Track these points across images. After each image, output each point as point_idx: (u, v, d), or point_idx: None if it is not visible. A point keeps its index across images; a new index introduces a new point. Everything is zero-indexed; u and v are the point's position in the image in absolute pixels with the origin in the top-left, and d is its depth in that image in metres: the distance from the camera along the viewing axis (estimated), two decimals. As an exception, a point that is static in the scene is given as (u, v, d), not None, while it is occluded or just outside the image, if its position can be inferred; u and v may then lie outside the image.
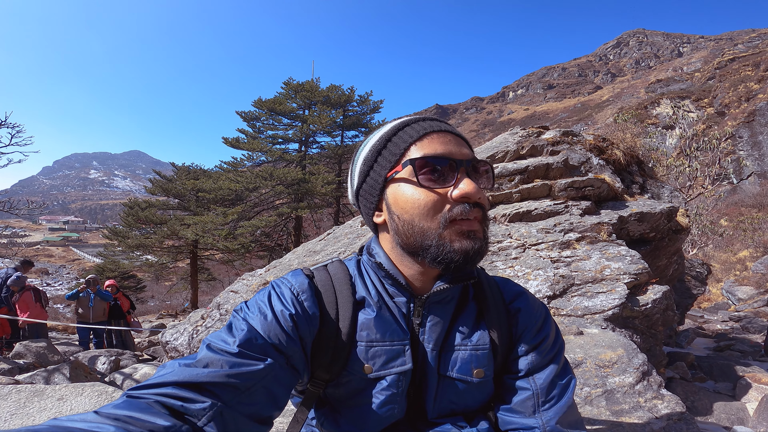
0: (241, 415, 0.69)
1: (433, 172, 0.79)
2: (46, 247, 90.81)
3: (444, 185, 0.79)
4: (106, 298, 7.59)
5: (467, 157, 0.82)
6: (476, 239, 0.79)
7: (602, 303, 2.70)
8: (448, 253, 0.78)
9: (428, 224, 0.80)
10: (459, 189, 0.78)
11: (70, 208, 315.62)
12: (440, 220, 0.79)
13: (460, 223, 0.78)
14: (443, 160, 0.80)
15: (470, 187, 0.78)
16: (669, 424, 1.65)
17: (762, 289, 12.41)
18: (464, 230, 0.78)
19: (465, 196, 0.78)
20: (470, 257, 0.78)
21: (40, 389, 2.18)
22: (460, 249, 0.78)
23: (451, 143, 0.82)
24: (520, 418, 0.86)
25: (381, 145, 0.86)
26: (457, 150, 0.81)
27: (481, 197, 0.79)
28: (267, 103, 18.21)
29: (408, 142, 0.83)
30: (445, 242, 0.78)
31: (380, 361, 0.84)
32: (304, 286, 0.87)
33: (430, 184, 0.79)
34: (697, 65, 79.85)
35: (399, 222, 0.83)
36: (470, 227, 0.79)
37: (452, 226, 0.79)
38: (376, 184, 0.87)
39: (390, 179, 0.84)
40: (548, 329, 0.93)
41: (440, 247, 0.79)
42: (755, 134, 30.88)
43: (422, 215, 0.80)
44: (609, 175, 4.21)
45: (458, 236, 0.78)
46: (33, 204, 13.38)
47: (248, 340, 0.74)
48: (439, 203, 0.79)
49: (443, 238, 0.79)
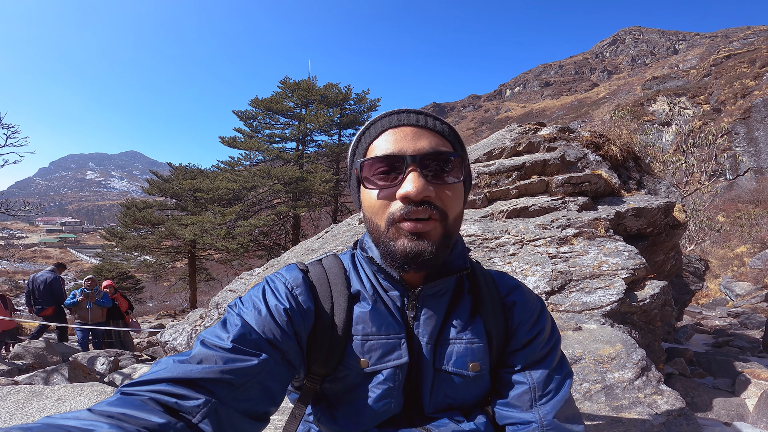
0: (236, 411, 0.68)
1: (382, 170, 0.79)
2: (44, 249, 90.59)
3: (392, 184, 0.78)
4: (106, 305, 7.54)
5: (419, 152, 0.78)
6: (423, 241, 0.77)
7: (600, 298, 2.70)
8: (391, 252, 0.78)
9: (379, 222, 0.80)
10: (402, 188, 0.76)
11: (66, 209, 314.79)
12: (386, 219, 0.79)
13: (403, 222, 0.77)
14: (388, 159, 0.78)
15: (411, 185, 0.75)
16: (669, 420, 1.64)
17: (760, 284, 12.44)
18: (409, 230, 0.76)
19: (404, 196, 0.76)
20: (411, 258, 0.77)
21: (39, 390, 2.18)
22: (401, 249, 0.77)
23: (405, 139, 0.79)
24: (517, 413, 0.86)
25: (354, 145, 0.88)
26: (409, 145, 0.78)
27: (428, 195, 0.76)
28: (264, 102, 18.17)
29: (367, 142, 0.83)
30: (388, 241, 0.79)
31: (376, 355, 0.84)
32: (298, 281, 0.86)
33: (378, 183, 0.79)
34: (693, 62, 79.96)
35: (366, 219, 0.85)
36: (413, 228, 0.76)
37: (395, 225, 0.78)
38: (354, 182, 0.88)
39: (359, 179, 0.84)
40: (544, 323, 0.93)
41: (385, 245, 0.79)
42: (751, 131, 30.97)
43: (374, 213, 0.81)
44: (606, 171, 4.21)
45: (400, 236, 0.77)
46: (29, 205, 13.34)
47: (242, 335, 0.74)
48: (387, 203, 0.79)
49: (388, 237, 0.79)
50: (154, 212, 17.82)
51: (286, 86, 18.50)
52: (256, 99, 18.35)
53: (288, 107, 18.46)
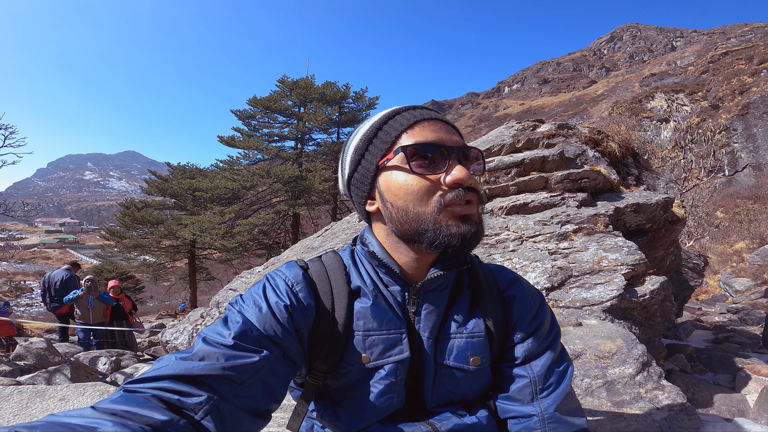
0: (238, 408, 0.68)
1: (424, 158, 0.80)
2: (43, 250, 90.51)
3: (436, 171, 0.79)
4: (108, 302, 7.56)
5: (458, 143, 0.82)
6: (472, 223, 0.80)
7: (600, 294, 2.70)
8: (446, 237, 0.78)
9: (423, 209, 0.80)
10: (451, 175, 0.78)
11: (65, 209, 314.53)
12: (435, 205, 0.79)
13: (455, 207, 0.79)
14: (434, 147, 0.80)
15: (462, 172, 0.78)
16: (670, 415, 1.65)
17: (759, 280, 12.47)
18: (460, 213, 0.79)
19: (457, 182, 0.78)
20: (467, 241, 0.79)
21: (42, 390, 2.18)
22: (458, 233, 0.78)
23: (441, 131, 0.82)
24: (518, 406, 0.86)
25: (372, 134, 0.86)
26: (447, 137, 0.82)
27: (472, 182, 0.80)
28: (262, 101, 18.12)
29: (399, 130, 0.83)
30: (441, 226, 0.78)
31: (378, 350, 0.84)
32: (298, 277, 0.86)
33: (422, 170, 0.79)
34: (691, 59, 79.96)
35: (393, 209, 0.83)
36: (465, 211, 0.79)
37: (447, 211, 0.79)
38: (367, 173, 0.86)
39: (382, 167, 0.84)
40: (543, 316, 0.93)
41: (437, 231, 0.79)
42: (749, 127, 31.03)
43: (416, 201, 0.80)
44: (605, 167, 4.21)
45: (455, 220, 0.79)
46: (28, 206, 13.32)
47: (243, 332, 0.74)
48: (432, 189, 0.79)
49: (439, 223, 0.79)
50: (153, 212, 17.78)
51: (284, 85, 18.45)
52: (255, 98, 18.30)
53: (286, 106, 18.42)
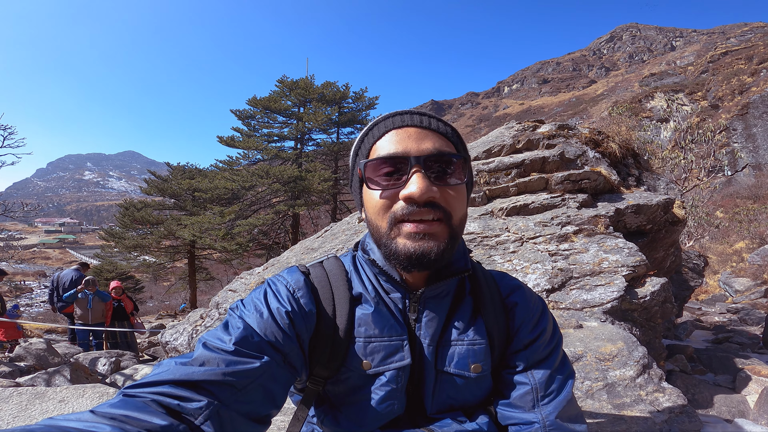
0: (238, 413, 0.68)
1: (386, 171, 0.78)
2: (43, 250, 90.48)
3: (396, 184, 0.78)
4: (105, 299, 7.57)
5: (424, 152, 0.78)
6: (429, 241, 0.76)
7: (601, 296, 2.70)
8: (394, 253, 0.78)
9: (380, 222, 0.80)
10: (406, 188, 0.76)
11: (65, 209, 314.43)
12: (388, 220, 0.78)
13: (407, 223, 0.76)
14: (392, 160, 0.78)
15: (416, 186, 0.74)
16: (671, 417, 1.65)
17: (759, 280, 12.47)
18: (408, 231, 0.76)
19: (408, 197, 0.75)
20: (415, 259, 0.76)
21: (42, 391, 2.17)
22: (403, 250, 0.77)
23: (409, 139, 0.79)
24: (519, 413, 0.86)
25: (357, 146, 0.88)
26: (414, 146, 0.78)
27: (432, 197, 0.76)
28: (262, 101, 18.10)
29: (371, 142, 0.83)
30: (391, 242, 0.78)
31: (379, 357, 0.84)
32: (300, 283, 0.86)
33: (381, 183, 0.79)
34: (690, 59, 79.93)
35: (367, 219, 0.84)
36: (416, 229, 0.76)
37: (399, 226, 0.77)
38: (356, 183, 0.88)
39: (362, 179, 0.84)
40: (545, 323, 0.93)
41: (388, 246, 0.79)
42: (749, 127, 31.04)
43: (376, 214, 0.80)
44: (605, 168, 4.21)
45: (404, 237, 0.77)
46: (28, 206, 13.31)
47: (244, 338, 0.73)
48: (389, 203, 0.78)
49: (391, 238, 0.78)
50: (153, 212, 17.78)
51: (284, 85, 18.43)
52: (254, 98, 18.27)
53: (286, 106, 18.40)
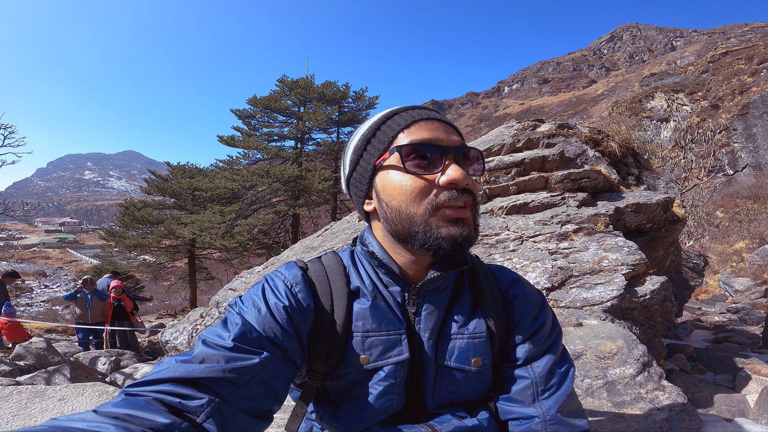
0: (240, 410, 0.68)
1: (420, 158, 0.79)
2: (43, 249, 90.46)
3: (431, 171, 0.79)
4: (104, 298, 7.59)
5: (456, 143, 0.81)
6: (465, 226, 0.79)
7: (601, 294, 2.70)
8: (436, 240, 0.77)
9: (415, 210, 0.79)
10: (446, 175, 0.77)
11: (65, 209, 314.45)
12: (427, 206, 0.78)
13: (448, 209, 0.78)
14: (430, 147, 0.79)
15: (458, 173, 0.77)
16: (671, 416, 1.65)
17: (759, 280, 12.47)
18: (452, 216, 0.78)
19: (452, 182, 0.77)
20: (458, 244, 0.78)
21: (41, 390, 2.17)
22: (448, 235, 0.77)
23: (439, 130, 0.82)
24: (519, 408, 0.85)
25: (370, 134, 0.86)
26: (445, 137, 0.81)
27: (469, 183, 0.79)
28: (262, 100, 18.12)
29: (396, 130, 0.83)
30: (431, 228, 0.78)
31: (377, 352, 0.83)
32: (297, 278, 0.86)
33: (417, 170, 0.79)
34: (691, 59, 79.91)
35: (387, 209, 0.83)
36: (458, 214, 0.78)
37: (439, 212, 0.78)
38: (365, 172, 0.87)
39: (379, 167, 0.84)
40: (545, 317, 0.93)
41: (427, 233, 0.78)
42: (749, 126, 31.04)
43: (409, 201, 0.79)
44: (605, 167, 4.21)
45: (445, 222, 0.78)
46: (28, 206, 13.31)
47: (243, 334, 0.73)
48: (426, 189, 0.78)
49: (430, 225, 0.78)
50: (153, 212, 17.79)
51: (284, 84, 18.45)
52: (254, 97, 18.29)
53: (286, 105, 18.41)
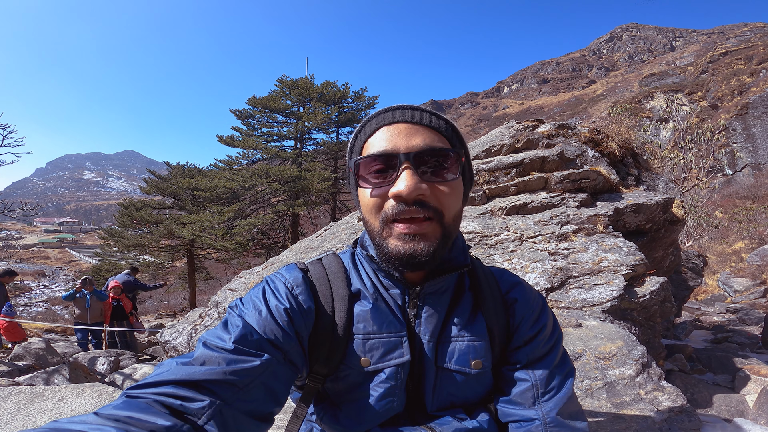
0: (241, 412, 0.68)
1: (376, 169, 0.77)
2: (42, 249, 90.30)
3: (386, 182, 0.77)
4: (102, 298, 7.58)
5: (414, 149, 0.76)
6: (421, 241, 0.75)
7: (600, 295, 2.70)
8: (386, 254, 0.77)
9: (373, 222, 0.79)
10: (394, 186, 0.75)
11: (64, 209, 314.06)
12: (380, 219, 0.77)
13: (398, 223, 0.76)
14: (380, 157, 0.77)
15: (404, 184, 0.73)
16: (671, 417, 1.65)
17: (758, 280, 12.47)
18: (402, 232, 0.75)
19: (396, 195, 0.74)
20: (405, 260, 0.76)
21: (40, 390, 2.17)
22: (394, 251, 0.76)
23: (399, 136, 0.78)
24: (520, 410, 0.85)
25: (351, 144, 0.87)
26: (403, 142, 0.77)
27: (422, 194, 0.74)
28: (261, 100, 18.10)
29: (362, 140, 0.83)
30: (383, 241, 0.78)
31: (378, 354, 0.83)
32: (298, 280, 0.86)
33: (372, 181, 0.78)
34: (690, 59, 79.93)
35: (362, 217, 0.84)
36: (407, 229, 0.75)
37: (391, 226, 0.77)
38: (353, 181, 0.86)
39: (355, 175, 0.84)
40: (545, 319, 0.92)
41: (380, 246, 0.78)
42: (748, 127, 31.06)
43: (368, 212, 0.80)
44: (604, 168, 4.21)
45: (395, 237, 0.76)
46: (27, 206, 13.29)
47: (243, 336, 0.73)
48: (380, 202, 0.77)
49: (382, 237, 0.78)
50: (152, 212, 17.76)
51: (283, 84, 18.44)
52: (254, 97, 18.28)
53: (286, 105, 18.40)
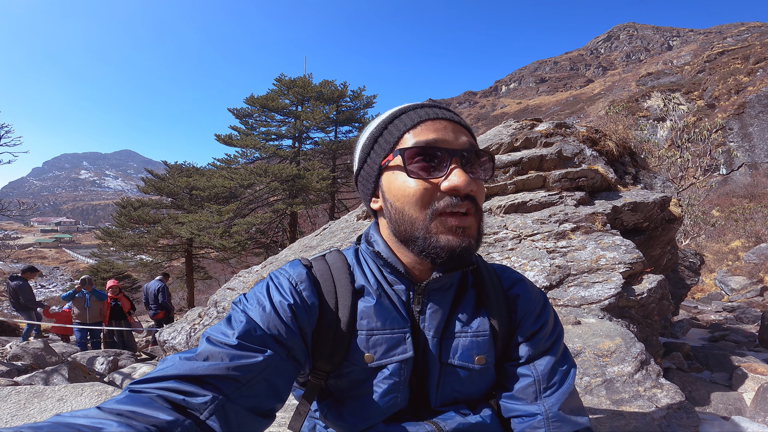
0: (243, 407, 0.68)
1: (424, 161, 0.77)
2: (39, 249, 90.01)
3: (435, 175, 0.77)
4: (102, 298, 7.58)
5: (463, 146, 0.79)
6: (465, 236, 0.77)
7: (598, 293, 2.71)
8: (434, 248, 0.77)
9: (416, 215, 0.78)
10: (449, 180, 0.75)
11: (61, 209, 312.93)
12: (428, 212, 0.77)
13: (448, 216, 0.76)
14: (434, 149, 0.77)
15: (460, 179, 0.75)
16: (669, 413, 1.66)
17: (755, 279, 12.53)
18: (452, 225, 0.76)
19: (454, 189, 0.75)
20: (456, 254, 0.76)
21: (40, 390, 2.16)
22: (446, 245, 0.76)
23: (446, 130, 0.79)
24: (522, 405, 0.86)
25: (377, 133, 0.85)
26: (452, 138, 0.79)
27: (473, 189, 0.76)
28: (259, 99, 18.08)
29: (402, 130, 0.81)
30: (431, 235, 0.77)
31: (381, 350, 0.84)
32: (302, 276, 0.86)
33: (420, 173, 0.77)
34: (687, 58, 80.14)
35: (392, 210, 0.82)
36: (459, 223, 0.76)
37: (439, 219, 0.77)
38: (372, 171, 0.86)
39: (385, 167, 0.83)
40: (547, 315, 0.93)
41: (426, 240, 0.77)
42: (745, 126, 31.14)
43: (411, 205, 0.78)
44: (602, 166, 4.23)
45: (445, 231, 0.76)
46: (24, 206, 13.25)
47: (247, 331, 0.73)
48: (428, 194, 0.77)
49: (429, 231, 0.77)
50: (150, 211, 17.74)
51: (281, 84, 18.42)
52: (252, 97, 18.25)
53: (284, 104, 18.38)
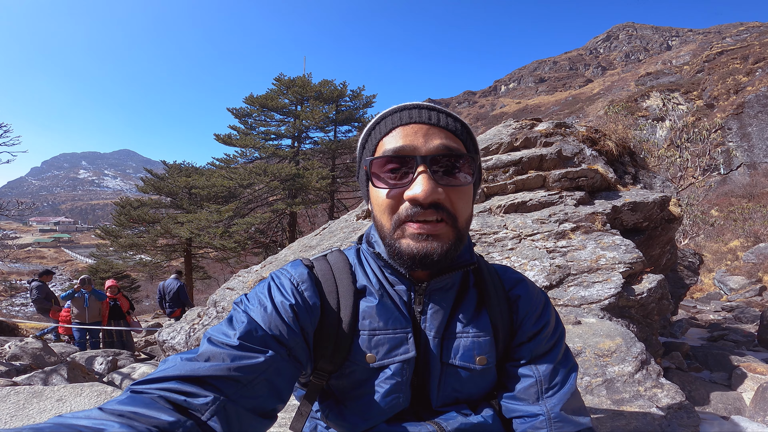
0: (244, 408, 0.68)
1: (390, 170, 0.78)
2: (38, 249, 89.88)
3: (401, 183, 0.77)
4: (101, 298, 7.57)
5: (433, 151, 0.77)
6: (434, 242, 0.76)
7: (598, 292, 2.71)
8: (398, 253, 0.78)
9: (385, 221, 0.80)
10: (411, 189, 0.75)
11: (60, 209, 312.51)
12: (393, 220, 0.78)
13: (411, 224, 0.76)
14: (398, 158, 0.77)
15: (420, 188, 0.73)
16: (670, 413, 1.66)
17: (753, 278, 12.54)
18: (413, 232, 0.76)
19: (412, 199, 0.75)
20: (418, 259, 0.76)
21: (39, 390, 2.16)
22: (407, 250, 0.77)
23: (416, 136, 0.78)
24: (524, 406, 0.86)
25: (364, 140, 0.87)
26: (421, 143, 0.77)
27: (439, 198, 0.75)
28: (259, 99, 18.07)
29: (378, 138, 0.82)
30: (394, 241, 0.78)
31: (383, 350, 0.83)
32: (303, 277, 0.86)
33: (388, 182, 0.78)
34: (686, 58, 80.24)
35: (374, 215, 0.84)
36: (423, 230, 0.76)
37: (403, 227, 0.77)
38: (363, 177, 0.88)
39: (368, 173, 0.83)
40: (548, 316, 0.94)
41: (391, 246, 0.79)
42: (744, 126, 31.18)
43: (381, 212, 0.80)
44: (602, 166, 4.23)
45: (408, 237, 0.77)
46: (22, 205, 13.23)
47: (248, 332, 0.73)
48: (395, 202, 0.78)
49: (393, 237, 0.78)
50: (149, 211, 17.69)
51: (281, 83, 18.41)
52: (251, 96, 18.24)
53: (283, 104, 18.37)
